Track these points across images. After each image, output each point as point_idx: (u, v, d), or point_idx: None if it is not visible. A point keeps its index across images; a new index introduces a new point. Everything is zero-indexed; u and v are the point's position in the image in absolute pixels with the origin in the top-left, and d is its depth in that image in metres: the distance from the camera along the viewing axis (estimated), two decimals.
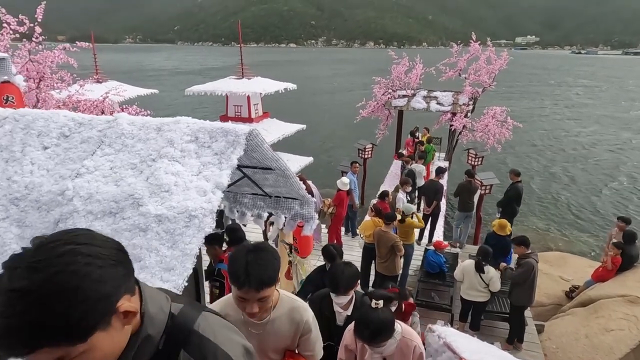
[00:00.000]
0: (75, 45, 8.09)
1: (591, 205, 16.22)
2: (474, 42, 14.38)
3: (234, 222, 5.04)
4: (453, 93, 14.73)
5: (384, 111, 15.69)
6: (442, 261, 6.78)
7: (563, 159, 22.88)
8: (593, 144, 25.98)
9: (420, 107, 14.72)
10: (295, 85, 11.29)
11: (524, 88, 54.70)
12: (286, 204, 4.65)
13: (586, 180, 19.23)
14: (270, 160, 3.50)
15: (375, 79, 15.82)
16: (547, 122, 32.91)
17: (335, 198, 8.24)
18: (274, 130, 10.54)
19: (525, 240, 5.57)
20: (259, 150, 3.29)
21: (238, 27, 10.68)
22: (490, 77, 14.31)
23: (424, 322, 6.14)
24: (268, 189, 4.48)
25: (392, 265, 6.02)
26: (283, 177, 3.95)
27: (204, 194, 2.65)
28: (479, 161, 13.29)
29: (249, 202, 4.86)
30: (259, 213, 4.90)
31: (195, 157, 2.89)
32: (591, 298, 6.42)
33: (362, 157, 13.30)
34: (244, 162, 3.78)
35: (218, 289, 4.52)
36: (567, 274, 8.26)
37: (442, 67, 14.85)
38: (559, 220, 14.65)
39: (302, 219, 4.65)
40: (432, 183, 8.85)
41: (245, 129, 2.97)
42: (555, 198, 16.91)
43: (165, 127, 3.04)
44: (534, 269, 5.44)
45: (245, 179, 4.20)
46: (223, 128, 2.98)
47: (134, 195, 2.65)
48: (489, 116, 13.67)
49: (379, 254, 6.12)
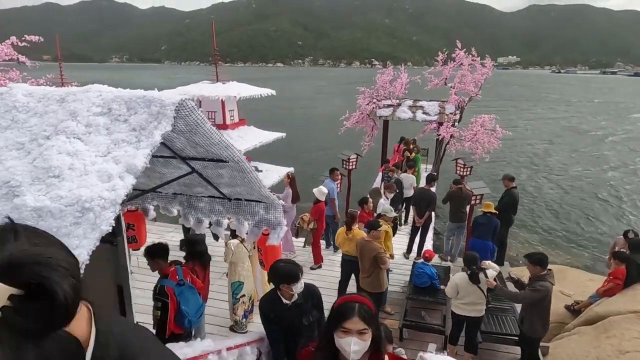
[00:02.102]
0: (25, 40, 7.36)
1: (585, 216, 15.80)
2: (459, 50, 14.02)
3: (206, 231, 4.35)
4: (439, 102, 14.26)
5: (369, 122, 15.15)
6: (433, 272, 6.04)
7: (551, 169, 22.65)
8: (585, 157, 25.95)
9: (406, 116, 14.20)
10: (274, 91, 10.62)
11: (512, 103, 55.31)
12: (249, 207, 3.92)
13: (579, 192, 18.92)
14: (218, 146, 2.78)
15: (360, 89, 15.32)
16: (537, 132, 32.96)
17: (313, 211, 7.47)
18: (250, 137, 9.80)
19: (542, 259, 4.76)
20: (200, 132, 2.57)
21: (215, 48, 9.99)
22: (477, 85, 13.93)
23: (414, 346, 5.38)
24: (225, 190, 3.74)
25: (376, 280, 5.28)
26: (239, 172, 3.23)
27: (107, 180, 1.91)
28: (468, 171, 12.75)
29: (206, 207, 4.11)
30: (217, 219, 4.16)
31: (106, 134, 2.16)
32: (599, 315, 5.75)
33: (346, 168, 12.65)
34: (189, 152, 3.06)
35: (160, 310, 3.72)
36: (568, 289, 7.62)
37: (428, 75, 14.44)
38: (553, 232, 14.12)
39: (268, 225, 3.92)
40: (424, 192, 8.18)
41: (175, 97, 2.26)
42: (548, 209, 16.48)
43: (71, 97, 2.31)
44: (548, 294, 4.69)
45: (196, 176, 3.46)
46: (146, 97, 2.27)
47: (9, 183, 1.90)
48: (477, 124, 13.20)
49: (362, 267, 5.39)
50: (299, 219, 7.41)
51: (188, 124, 2.45)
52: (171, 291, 3.74)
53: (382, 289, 5.38)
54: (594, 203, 17.55)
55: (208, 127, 2.56)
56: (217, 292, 6.57)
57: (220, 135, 2.71)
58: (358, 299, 1.77)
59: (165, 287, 3.73)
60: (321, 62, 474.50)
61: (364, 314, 1.70)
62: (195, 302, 3.95)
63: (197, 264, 4.71)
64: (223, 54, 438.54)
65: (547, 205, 17.11)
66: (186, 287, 3.89)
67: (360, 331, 1.68)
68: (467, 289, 4.95)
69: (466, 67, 13.80)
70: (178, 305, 3.77)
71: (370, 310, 1.75)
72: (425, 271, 6.05)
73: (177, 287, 3.81)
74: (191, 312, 3.87)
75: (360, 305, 1.73)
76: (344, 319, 1.70)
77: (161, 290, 3.73)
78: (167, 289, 3.73)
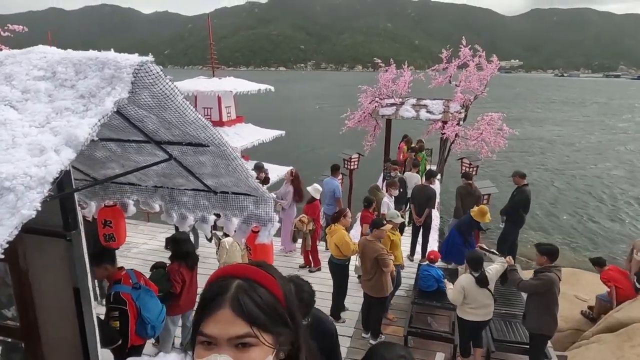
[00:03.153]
0: (8, 30, 7.03)
1: (599, 217, 15.36)
2: (464, 47, 13.62)
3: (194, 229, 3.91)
4: (444, 101, 13.84)
5: (371, 121, 14.74)
6: (440, 274, 5.61)
7: (561, 168, 22.26)
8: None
9: (410, 115, 13.78)
10: (273, 87, 10.25)
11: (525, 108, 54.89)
12: (237, 202, 3.52)
13: (586, 192, 18.49)
14: (194, 126, 2.39)
15: (362, 88, 14.94)
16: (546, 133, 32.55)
17: (309, 211, 6.99)
18: (247, 134, 9.43)
19: (552, 250, 4.39)
20: (171, 107, 2.17)
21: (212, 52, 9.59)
22: (482, 83, 13.52)
23: (420, 355, 4.95)
24: (210, 181, 3.34)
25: (379, 283, 4.85)
26: (223, 159, 2.83)
27: (39, 153, 1.52)
28: (474, 170, 12.34)
29: (189, 202, 3.71)
30: (203, 215, 3.75)
31: (47, 101, 1.76)
32: (620, 321, 5.31)
33: (347, 167, 12.27)
34: (163, 135, 2.67)
35: (119, 320, 3.31)
36: (582, 293, 7.17)
37: (432, 73, 14.06)
38: (565, 233, 13.67)
39: (258, 221, 3.51)
40: (424, 188, 7.73)
41: (134, 59, 1.86)
42: (560, 209, 16.07)
43: (9, 60, 1.92)
44: (552, 284, 4.29)
45: (175, 165, 3.06)
46: (99, 59, 1.87)
47: None
48: (484, 123, 12.77)
49: (363, 269, 4.97)
50: (297, 221, 6.91)
51: (155, 95, 2.05)
52: (128, 297, 3.34)
53: (385, 293, 4.95)
54: (608, 203, 17.10)
55: (180, 101, 2.16)
56: None
57: (196, 112, 2.31)
58: (240, 270, 0.83)
59: (121, 293, 3.33)
60: (323, 66, 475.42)
61: (249, 303, 0.77)
62: (155, 306, 3.57)
63: (183, 265, 4.32)
64: (226, 58, 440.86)
65: (559, 206, 16.69)
66: (143, 290, 3.51)
67: (238, 339, 0.76)
68: (475, 292, 4.53)
69: (472, 66, 13.40)
70: (138, 311, 3.38)
71: (268, 295, 0.80)
72: (431, 273, 5.63)
73: (134, 292, 3.41)
74: (153, 317, 3.48)
75: (242, 285, 0.79)
76: (206, 315, 0.79)
77: (116, 297, 3.32)
78: (124, 294, 3.32)
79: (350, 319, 5.73)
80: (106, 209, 3.91)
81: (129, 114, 2.40)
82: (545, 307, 4.37)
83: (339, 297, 5.64)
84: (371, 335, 5.21)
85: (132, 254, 7.34)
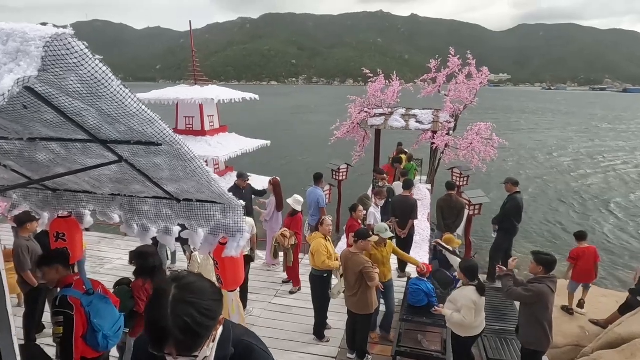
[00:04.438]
0: None
1: (597, 228, 15.18)
2: (453, 57, 13.53)
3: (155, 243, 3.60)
4: (433, 111, 13.69)
5: (360, 131, 14.51)
6: (430, 288, 5.25)
7: (553, 178, 22.21)
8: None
9: (399, 125, 13.57)
10: (257, 95, 9.97)
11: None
12: (202, 210, 3.17)
13: (579, 200, 18.39)
14: (138, 119, 2.04)
15: (350, 98, 14.75)
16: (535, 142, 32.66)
17: (290, 223, 6.54)
18: (231, 144, 9.10)
19: (548, 261, 4.09)
20: (106, 96, 1.83)
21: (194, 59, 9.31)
22: (472, 93, 13.40)
23: None
24: (170, 187, 2.99)
25: (363, 299, 4.49)
26: (179, 160, 2.48)
27: None
28: (465, 181, 12.12)
29: (151, 211, 3.35)
30: (166, 226, 3.38)
31: None
32: (622, 337, 4.99)
33: (336, 179, 11.98)
34: (108, 132, 2.32)
35: (63, 326, 2.96)
36: (580, 306, 6.84)
37: (420, 83, 13.93)
38: (561, 243, 13.42)
39: (226, 232, 3.15)
40: (403, 199, 7.41)
41: (46, 30, 1.53)
42: (555, 220, 15.89)
43: None
44: (543, 295, 4.00)
45: (128, 169, 2.72)
46: (4, 30, 1.54)
47: None
48: (473, 133, 12.60)
49: (346, 283, 4.61)
50: (279, 235, 6.46)
51: (84, 80, 1.71)
52: (77, 302, 3.00)
53: (370, 310, 4.58)
54: (606, 214, 16.95)
55: (116, 88, 1.81)
56: None
57: (139, 103, 1.97)
58: None
59: (69, 297, 2.98)
60: (315, 80, 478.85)
61: None
62: (110, 314, 3.21)
63: (149, 281, 3.93)
64: (218, 72, 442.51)
65: (554, 216, 16.51)
66: (96, 297, 3.16)
67: None
68: (481, 303, 4.22)
69: (462, 76, 13.29)
70: (87, 317, 3.02)
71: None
72: (421, 287, 5.26)
73: (85, 297, 3.07)
74: (105, 326, 3.12)
75: None
76: None
77: (63, 301, 2.97)
78: (71, 299, 2.98)
79: (335, 337, 5.34)
80: (59, 220, 3.52)
81: (63, 105, 2.06)
82: (535, 320, 4.07)
83: (320, 314, 5.26)
84: (357, 356, 4.82)
85: (105, 270, 6.90)
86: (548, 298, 4.03)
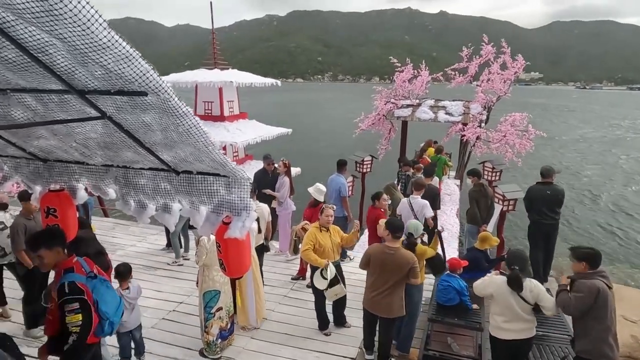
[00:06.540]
0: None
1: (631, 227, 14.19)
2: (487, 45, 12.77)
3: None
4: (464, 102, 12.98)
5: (386, 124, 13.92)
6: (462, 285, 4.69)
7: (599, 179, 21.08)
8: None
9: (427, 117, 12.93)
10: (279, 81, 9.58)
11: None
12: (204, 185, 2.74)
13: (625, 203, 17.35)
14: (112, 55, 1.61)
15: (376, 89, 14.19)
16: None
17: (311, 215, 5.85)
18: (250, 131, 8.73)
19: (591, 254, 3.48)
20: (68, 22, 1.42)
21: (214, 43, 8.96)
22: (505, 84, 12.61)
23: None
24: (166, 154, 2.58)
25: (397, 300, 3.98)
26: (170, 117, 2.05)
27: None
28: (497, 175, 11.40)
29: (148, 185, 2.96)
30: (164, 203, 2.99)
31: None
32: None
33: (360, 171, 11.45)
34: (83, 78, 1.91)
35: (81, 313, 2.61)
36: (629, 313, 6.13)
37: (451, 72, 13.23)
38: (606, 245, 12.55)
39: (230, 210, 2.71)
40: (429, 187, 6.86)
41: None
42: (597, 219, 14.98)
43: None
44: (599, 293, 3.34)
45: (115, 129, 2.32)
46: None
47: None
48: (507, 124, 11.83)
49: (379, 281, 4.00)
50: (299, 229, 5.91)
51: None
52: (85, 288, 2.67)
53: (403, 311, 4.08)
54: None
55: (76, 4, 1.39)
56: (190, 304, 5.40)
57: (110, 32, 1.53)
58: None
59: (78, 283, 2.64)
60: (340, 78, 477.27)
61: None
62: (112, 298, 2.90)
63: None
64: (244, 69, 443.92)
65: (595, 215, 15.55)
66: (98, 280, 2.83)
67: None
68: (507, 295, 3.63)
69: (496, 64, 12.53)
70: (96, 305, 2.73)
71: None
72: (452, 285, 4.71)
73: (89, 282, 2.74)
74: (110, 312, 2.83)
75: None
76: None
77: (73, 287, 2.61)
78: (80, 285, 2.65)
79: (354, 336, 4.86)
80: (50, 194, 3.18)
81: (22, 37, 1.67)
82: (590, 327, 3.45)
83: (316, 307, 4.87)
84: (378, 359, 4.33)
85: (116, 256, 6.63)
86: (603, 292, 3.39)
